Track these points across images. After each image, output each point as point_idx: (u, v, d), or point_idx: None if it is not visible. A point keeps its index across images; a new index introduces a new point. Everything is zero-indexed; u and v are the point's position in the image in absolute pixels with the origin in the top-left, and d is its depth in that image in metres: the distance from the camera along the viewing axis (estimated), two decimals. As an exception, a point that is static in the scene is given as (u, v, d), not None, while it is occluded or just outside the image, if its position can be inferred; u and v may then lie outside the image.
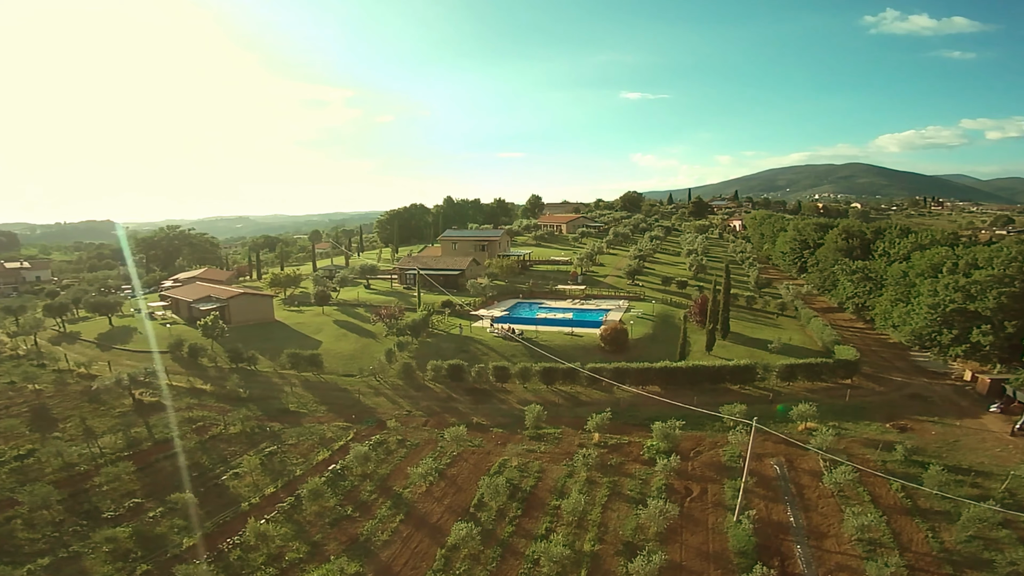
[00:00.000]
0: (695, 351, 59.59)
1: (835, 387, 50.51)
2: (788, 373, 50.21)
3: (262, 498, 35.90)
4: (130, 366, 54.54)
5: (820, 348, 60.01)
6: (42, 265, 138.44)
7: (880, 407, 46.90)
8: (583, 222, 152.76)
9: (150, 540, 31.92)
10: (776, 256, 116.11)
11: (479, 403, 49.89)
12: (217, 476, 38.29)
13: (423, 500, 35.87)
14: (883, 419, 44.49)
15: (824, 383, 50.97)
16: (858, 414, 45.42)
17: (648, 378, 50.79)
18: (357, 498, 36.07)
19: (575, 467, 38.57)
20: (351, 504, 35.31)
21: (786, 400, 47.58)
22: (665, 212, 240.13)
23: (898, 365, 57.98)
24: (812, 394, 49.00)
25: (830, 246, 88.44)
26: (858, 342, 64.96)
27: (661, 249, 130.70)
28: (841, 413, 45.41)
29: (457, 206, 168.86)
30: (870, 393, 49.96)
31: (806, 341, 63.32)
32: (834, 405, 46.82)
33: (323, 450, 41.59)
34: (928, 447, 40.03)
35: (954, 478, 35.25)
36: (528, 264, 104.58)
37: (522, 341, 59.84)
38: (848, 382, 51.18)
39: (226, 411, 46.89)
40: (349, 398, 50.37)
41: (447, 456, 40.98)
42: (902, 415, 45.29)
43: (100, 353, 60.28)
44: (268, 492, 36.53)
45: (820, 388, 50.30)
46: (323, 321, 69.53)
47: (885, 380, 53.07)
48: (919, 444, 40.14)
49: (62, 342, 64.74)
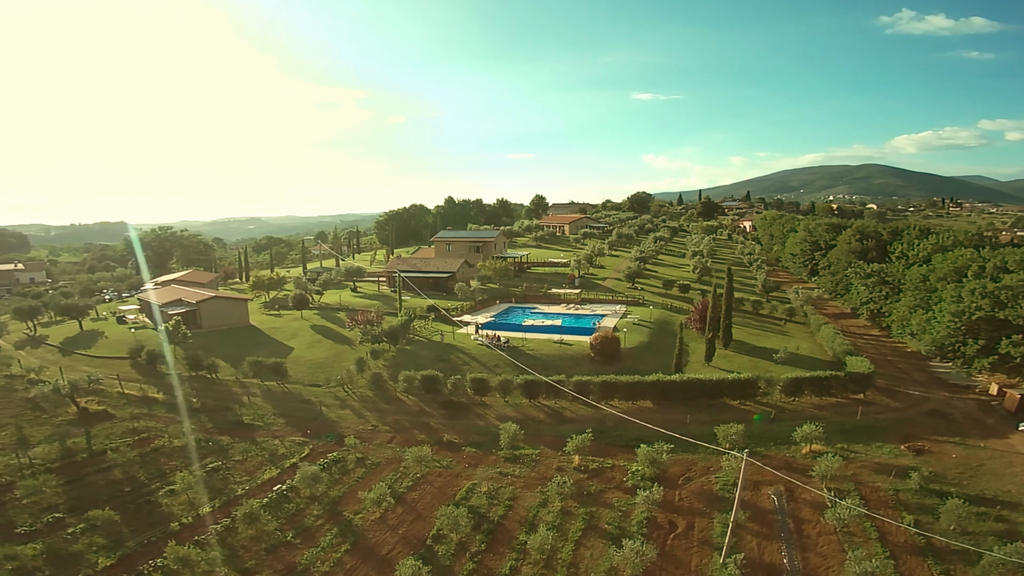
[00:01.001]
0: (694, 361, 55.09)
1: (846, 403, 45.77)
2: (793, 387, 45.53)
3: (196, 518, 32.70)
4: (86, 372, 51.18)
5: (831, 358, 55.20)
6: (36, 267, 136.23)
7: (895, 426, 42.20)
8: (587, 223, 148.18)
9: (63, 559, 28.91)
10: (786, 258, 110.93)
11: (454, 418, 45.80)
12: (151, 492, 35.16)
13: (375, 528, 32.20)
14: (898, 440, 39.81)
15: (834, 398, 46.26)
16: (870, 434, 40.74)
17: (639, 393, 46.38)
18: (301, 523, 32.68)
19: (549, 495, 34.35)
20: (293, 529, 31.99)
21: (792, 418, 43.00)
22: (674, 213, 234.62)
23: (916, 377, 53.06)
24: (820, 411, 44.40)
25: (843, 248, 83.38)
26: (872, 351, 60.16)
27: (666, 251, 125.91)
28: (851, 433, 40.75)
29: (459, 206, 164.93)
30: (884, 409, 45.19)
31: (815, 350, 58.53)
32: (844, 424, 42.15)
33: (271, 468, 38.05)
34: (947, 473, 35.40)
35: (976, 510, 30.60)
36: (526, 266, 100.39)
37: (507, 350, 55.74)
38: (860, 397, 46.45)
39: (175, 422, 43.37)
40: (312, 410, 46.52)
41: (409, 478, 37.16)
42: (919, 435, 40.61)
43: (60, 358, 56.93)
44: (204, 511, 33.29)
45: (829, 404, 45.59)
46: (300, 326, 65.82)
47: (901, 394, 48.25)
48: (937, 469, 35.53)
49: (27, 346, 61.52)
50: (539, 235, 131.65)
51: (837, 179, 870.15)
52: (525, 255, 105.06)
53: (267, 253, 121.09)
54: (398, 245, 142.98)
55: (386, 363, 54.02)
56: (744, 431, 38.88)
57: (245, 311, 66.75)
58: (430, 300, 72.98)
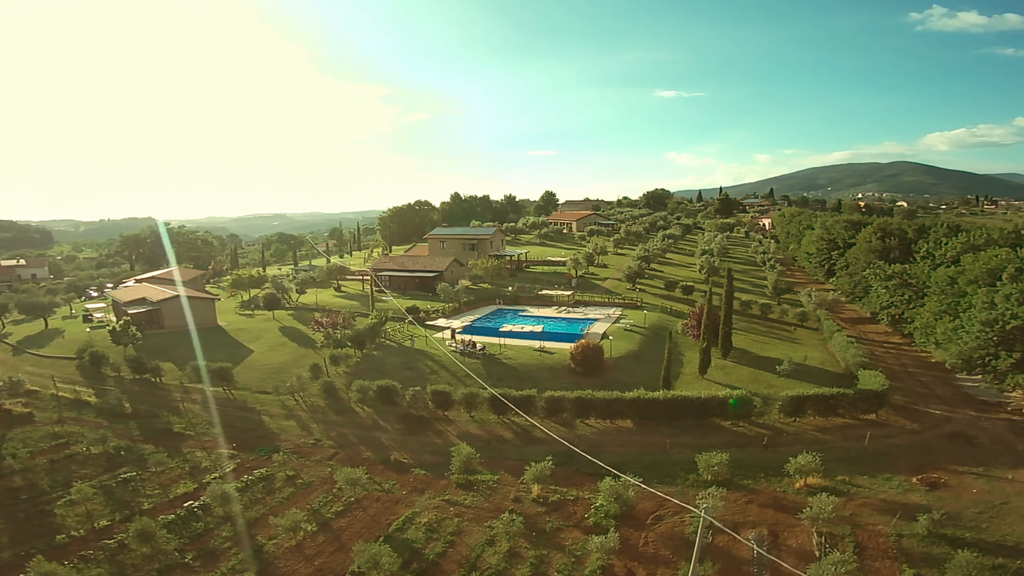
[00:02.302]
0: (687, 373, 49.72)
1: (855, 424, 39.95)
2: (794, 406, 39.83)
3: (89, 531, 29.43)
4: (29, 372, 48.01)
5: (842, 370, 49.33)
6: (38, 263, 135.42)
7: (909, 452, 36.37)
8: (595, 219, 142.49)
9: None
10: (802, 258, 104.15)
11: (410, 434, 41.18)
12: (50, 501, 31.89)
13: (288, 557, 28.17)
14: (910, 470, 33.99)
15: (841, 419, 40.49)
16: (878, 463, 34.95)
17: (617, 411, 41.14)
18: (206, 544, 28.96)
19: (497, 533, 29.50)
20: (196, 550, 28.34)
21: (790, 442, 37.47)
22: (691, 210, 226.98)
23: (939, 393, 46.95)
24: (823, 434, 38.77)
25: (862, 246, 76.84)
26: (892, 362, 54.07)
27: (676, 249, 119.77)
28: (856, 462, 35.00)
29: (465, 203, 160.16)
30: (898, 432, 39.32)
31: (826, 361, 52.63)
32: (849, 451, 36.43)
33: (189, 482, 34.12)
34: (964, 513, 29.61)
35: (992, 562, 24.98)
36: (525, 265, 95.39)
37: (482, 358, 50.99)
38: (871, 417, 40.67)
39: (101, 427, 39.58)
40: (252, 420, 42.44)
41: (341, 502, 32.76)
42: (936, 464, 34.73)
43: (9, 358, 53.74)
44: (101, 525, 30.04)
45: (835, 426, 39.83)
46: (269, 327, 61.88)
47: (920, 414, 42.28)
48: (952, 508, 29.77)
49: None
50: (544, 232, 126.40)
51: (866, 177, 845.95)
52: (524, 253, 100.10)
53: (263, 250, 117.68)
54: (401, 242, 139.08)
55: (348, 370, 49.70)
56: (730, 460, 33.55)
57: (212, 311, 63.03)
58: (412, 301, 68.54)
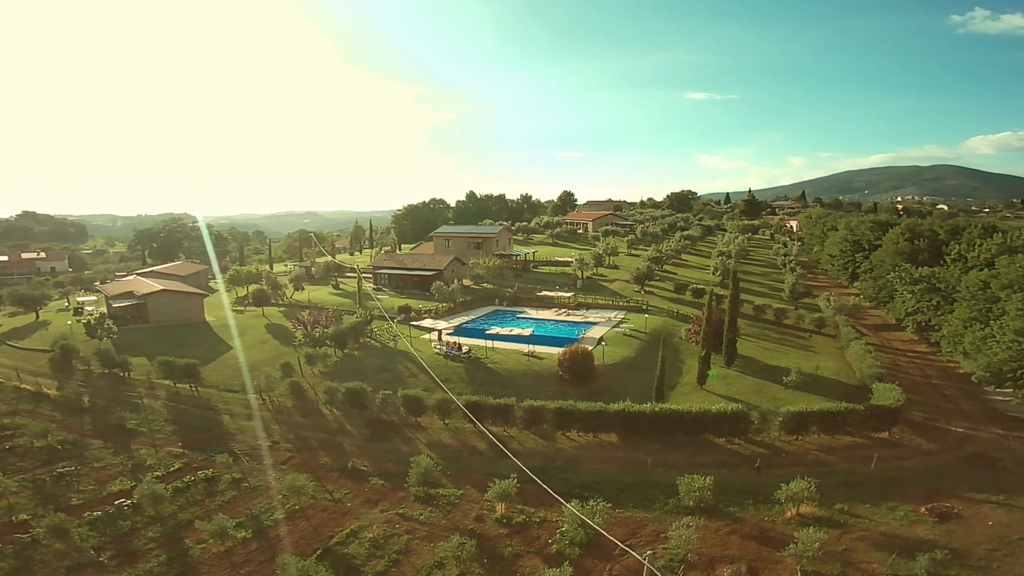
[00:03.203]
0: (685, 383, 46.09)
1: (864, 443, 35.90)
2: (796, 423, 35.90)
3: (5, 525, 28.26)
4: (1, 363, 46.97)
5: (857, 382, 45.11)
6: (58, 256, 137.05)
7: (921, 476, 32.30)
8: (612, 220, 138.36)
9: None
10: (824, 260, 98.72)
11: (376, 440, 38.52)
12: None
13: (213, 563, 26.29)
14: (919, 498, 29.99)
15: (849, 437, 36.50)
16: (884, 488, 31.01)
17: (601, 424, 37.73)
18: (128, 544, 27.30)
19: (447, 557, 26.53)
20: (115, 550, 26.75)
21: (789, 463, 33.64)
22: (716, 212, 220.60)
23: (964, 408, 42.45)
24: (827, 454, 34.85)
25: (888, 248, 71.69)
26: (914, 372, 49.59)
27: (694, 250, 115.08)
28: (859, 487, 31.12)
29: (480, 201, 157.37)
30: (912, 453, 35.17)
31: (841, 371, 48.31)
32: (852, 474, 32.50)
33: (127, 479, 32.29)
34: (974, 549, 25.64)
35: None
36: (532, 265, 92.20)
37: (466, 362, 48.11)
38: (883, 436, 36.56)
39: (54, 421, 38.08)
40: (213, 419, 40.42)
41: (284, 510, 30.42)
42: (950, 490, 30.68)
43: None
44: (20, 519, 28.71)
45: (841, 445, 35.83)
46: (255, 324, 59.94)
47: (939, 432, 37.97)
48: (963, 543, 25.86)
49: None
50: (557, 232, 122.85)
51: (906, 180, 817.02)
52: (532, 253, 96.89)
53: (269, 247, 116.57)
54: (415, 240, 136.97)
55: (324, 370, 47.36)
56: (718, 483, 30.02)
57: (199, 306, 61.42)
58: (415, 300, 66.01)
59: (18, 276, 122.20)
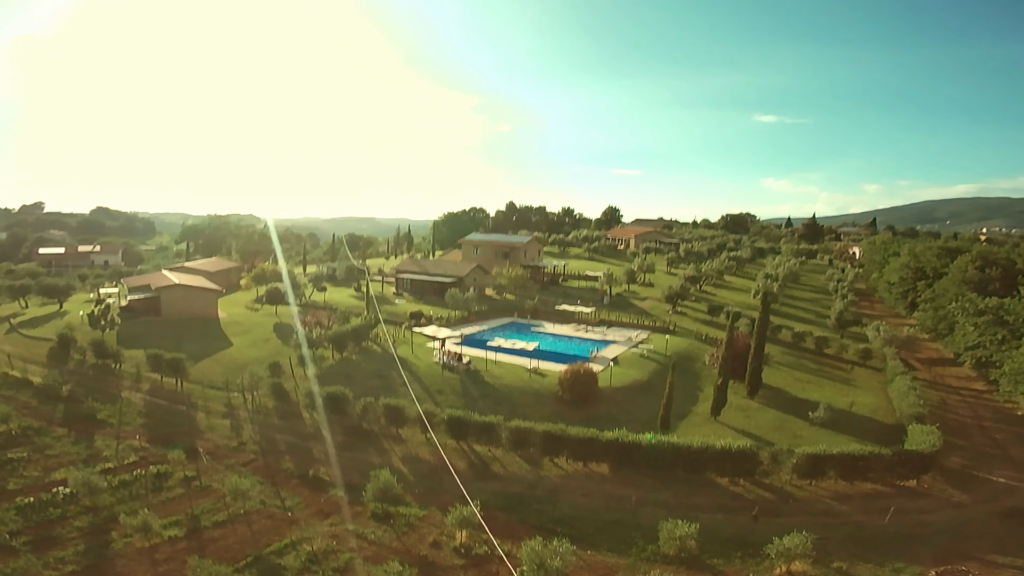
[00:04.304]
0: (699, 413, 41.89)
1: (885, 492, 31.06)
2: (811, 466, 31.28)
3: None
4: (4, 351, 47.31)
5: (894, 421, 39.85)
6: (112, 250, 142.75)
7: (941, 534, 27.45)
8: (657, 237, 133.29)
9: None
10: (882, 288, 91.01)
11: (349, 449, 36.09)
12: None
13: (133, 558, 24.76)
14: (932, 559, 25.11)
15: (870, 484, 31.61)
16: (895, 546, 26.23)
17: (592, 453, 34.01)
18: (49, 532, 25.86)
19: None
20: (32, 536, 25.41)
21: (796, 511, 29.22)
22: (775, 235, 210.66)
23: (1013, 454, 36.68)
24: (841, 503, 30.21)
25: (955, 277, 64.86)
26: (964, 412, 43.84)
27: (740, 272, 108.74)
28: (867, 543, 26.41)
29: (520, 212, 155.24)
30: (939, 505, 30.07)
31: (879, 408, 42.92)
32: (864, 527, 27.79)
33: (73, 469, 30.71)
34: None
35: None
36: (561, 278, 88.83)
37: (464, 374, 45.38)
38: (911, 484, 31.53)
39: (25, 407, 37.58)
40: (187, 415, 38.96)
41: (227, 512, 28.44)
42: (971, 551, 25.85)
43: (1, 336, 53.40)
44: None
45: (859, 494, 31.03)
46: (265, 322, 59.01)
47: (977, 482, 32.61)
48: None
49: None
50: (595, 247, 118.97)
51: (994, 212, 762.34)
52: (561, 265, 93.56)
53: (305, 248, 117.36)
54: (453, 247, 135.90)
55: (318, 372, 45.57)
56: (708, 530, 26.08)
57: (212, 302, 61.10)
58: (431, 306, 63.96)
59: (72, 268, 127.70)
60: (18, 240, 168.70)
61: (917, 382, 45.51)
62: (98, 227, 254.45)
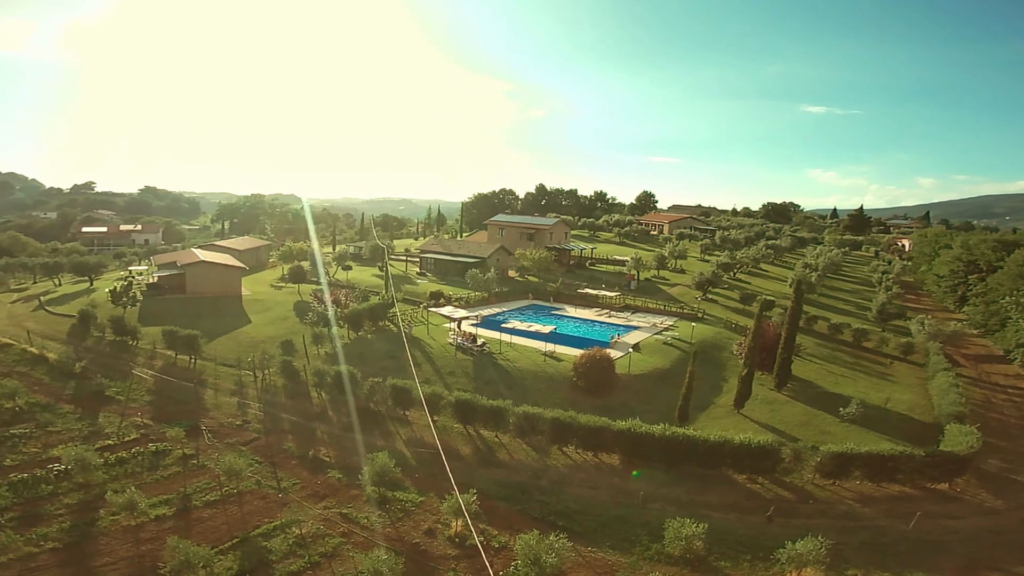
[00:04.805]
0: (720, 405, 39.72)
1: (913, 495, 28.65)
2: (836, 466, 29.02)
3: None
4: (29, 326, 48.14)
5: (932, 420, 37.02)
6: (153, 229, 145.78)
7: (968, 541, 25.19)
8: (691, 223, 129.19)
9: None
10: (930, 281, 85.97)
11: (352, 430, 35.28)
12: None
13: (116, 536, 24.48)
14: (955, 569, 23.05)
15: (898, 486, 29.18)
16: (917, 554, 24.09)
17: (602, 443, 32.36)
18: (38, 509, 25.82)
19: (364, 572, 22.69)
20: (20, 512, 25.54)
21: (815, 512, 27.18)
22: (818, 226, 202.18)
23: (1060, 459, 33.58)
24: (865, 505, 27.95)
25: (1010, 270, 60.50)
26: (1010, 412, 40.62)
27: (779, 261, 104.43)
28: (887, 550, 24.27)
29: (550, 195, 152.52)
30: (969, 511, 27.53)
31: (916, 406, 39.98)
32: (885, 532, 25.63)
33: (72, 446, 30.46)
34: None
35: None
36: (588, 262, 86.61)
37: (477, 356, 44.12)
38: (942, 487, 28.98)
39: (37, 383, 37.78)
40: (196, 392, 38.66)
41: (220, 492, 28.05)
42: (998, 561, 23.93)
43: (27, 312, 54.22)
44: None
45: (885, 496, 28.69)
46: (286, 300, 58.81)
47: (1016, 486, 29.98)
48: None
49: (20, 300, 60.21)
50: (626, 231, 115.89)
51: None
52: (590, 249, 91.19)
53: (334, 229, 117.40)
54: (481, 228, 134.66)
55: (330, 351, 45.01)
56: (718, 531, 24.32)
57: (236, 280, 61.19)
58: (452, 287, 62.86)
59: (114, 247, 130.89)
60: (67, 220, 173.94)
61: (960, 379, 42.30)
62: (145, 207, 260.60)
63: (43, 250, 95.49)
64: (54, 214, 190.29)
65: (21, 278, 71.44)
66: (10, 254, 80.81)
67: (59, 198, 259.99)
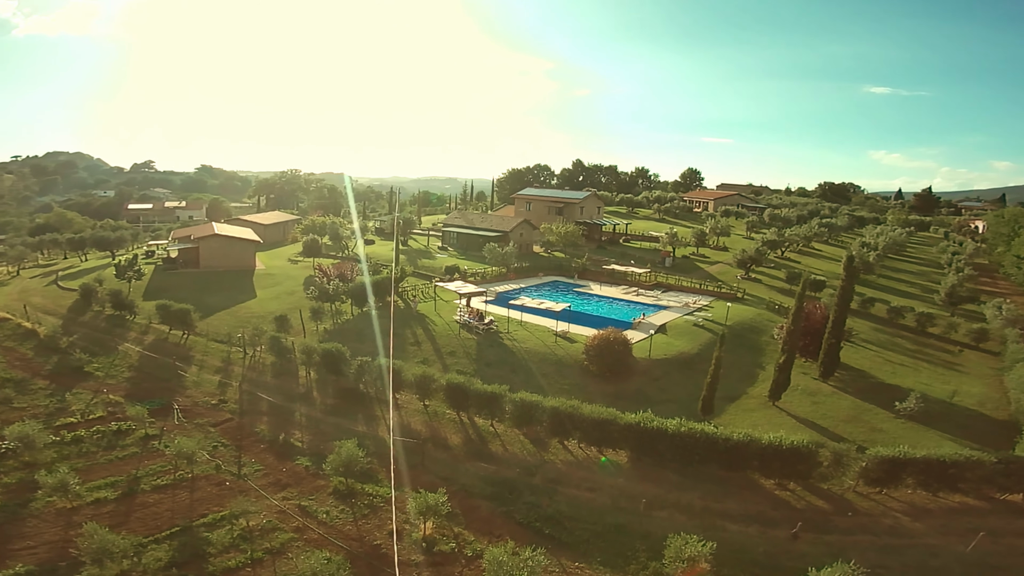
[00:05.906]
0: (754, 395, 34.86)
1: (977, 508, 23.51)
2: (884, 471, 23.99)
3: None
4: (34, 301, 47.00)
5: (1007, 417, 31.30)
6: (196, 206, 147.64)
7: None
8: (739, 201, 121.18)
9: None
10: (1009, 263, 76.94)
11: (336, 414, 32.27)
12: None
13: (46, 520, 22.49)
14: None
15: (961, 496, 23.95)
16: None
17: (608, 437, 28.06)
18: None
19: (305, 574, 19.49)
20: None
21: (852, 528, 22.39)
22: (880, 207, 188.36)
23: None
24: (915, 520, 23.04)
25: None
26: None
27: (835, 240, 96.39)
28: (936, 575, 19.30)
29: (588, 171, 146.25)
30: None
31: (988, 400, 34.15)
32: (938, 553, 20.92)
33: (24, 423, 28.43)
34: None
35: None
36: (622, 238, 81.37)
37: (483, 334, 40.41)
38: (1015, 499, 23.63)
39: (24, 359, 36.35)
40: (176, 370, 36.17)
41: (173, 476, 25.59)
42: None
43: (39, 287, 53.47)
44: None
45: (941, 508, 23.60)
46: (298, 275, 56.26)
47: None
48: None
49: (39, 275, 59.70)
50: (667, 208, 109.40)
51: None
52: (625, 224, 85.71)
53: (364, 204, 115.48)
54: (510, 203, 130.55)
55: (331, 327, 42.17)
56: (729, 547, 19.95)
57: (250, 253, 59.30)
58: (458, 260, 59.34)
59: (159, 223, 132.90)
60: (124, 198, 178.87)
61: (1046, 372, 35.97)
62: (200, 185, 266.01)
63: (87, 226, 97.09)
64: (112, 192, 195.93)
65: (53, 254, 71.70)
66: (57, 231, 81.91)
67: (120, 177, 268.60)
